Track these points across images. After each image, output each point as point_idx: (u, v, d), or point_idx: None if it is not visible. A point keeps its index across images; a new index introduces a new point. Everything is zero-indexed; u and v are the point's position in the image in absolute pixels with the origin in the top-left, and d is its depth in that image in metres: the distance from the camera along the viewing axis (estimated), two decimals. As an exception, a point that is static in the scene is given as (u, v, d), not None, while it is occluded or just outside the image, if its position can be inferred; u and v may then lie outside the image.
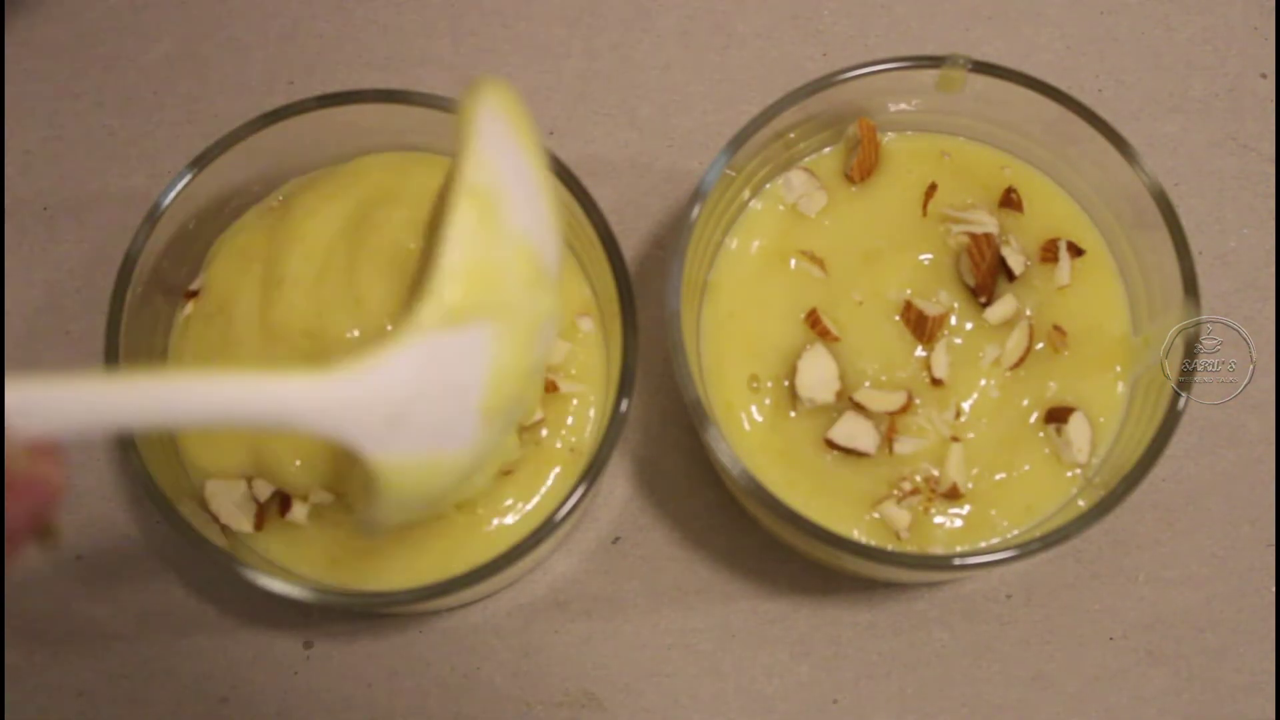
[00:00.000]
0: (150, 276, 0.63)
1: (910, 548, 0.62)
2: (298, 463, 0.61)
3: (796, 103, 0.62)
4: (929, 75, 0.64)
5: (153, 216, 0.62)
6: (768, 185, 0.67)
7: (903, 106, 0.66)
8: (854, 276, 0.65)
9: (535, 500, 0.63)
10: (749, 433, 0.63)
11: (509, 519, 0.63)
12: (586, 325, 0.65)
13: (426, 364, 0.45)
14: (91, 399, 0.38)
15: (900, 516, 0.62)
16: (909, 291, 0.64)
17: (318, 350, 0.63)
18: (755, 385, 0.64)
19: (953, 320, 0.64)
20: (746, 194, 0.66)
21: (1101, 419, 0.63)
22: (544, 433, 0.64)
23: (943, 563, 0.60)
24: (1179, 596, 0.68)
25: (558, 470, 0.64)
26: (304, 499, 0.62)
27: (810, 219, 0.66)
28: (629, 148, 0.74)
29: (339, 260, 0.64)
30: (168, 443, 0.63)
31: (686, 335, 0.61)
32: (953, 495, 0.62)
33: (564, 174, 0.62)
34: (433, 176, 0.66)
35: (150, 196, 0.62)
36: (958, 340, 0.64)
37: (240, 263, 0.65)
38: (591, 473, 0.60)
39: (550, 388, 0.64)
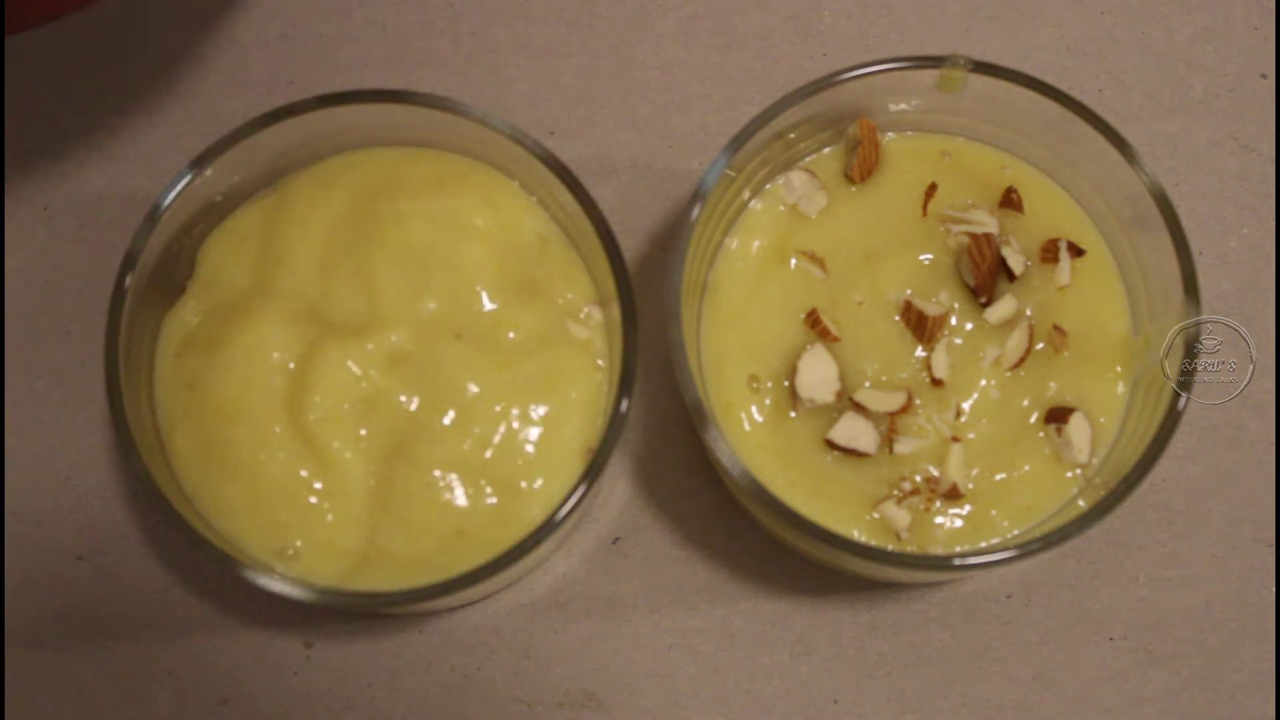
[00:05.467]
0: (150, 276, 0.63)
1: (910, 548, 0.62)
2: None
3: (796, 103, 0.62)
4: (929, 75, 0.64)
5: (153, 216, 0.62)
6: (768, 185, 0.67)
7: (903, 106, 0.66)
8: (854, 276, 0.65)
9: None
10: (749, 433, 0.63)
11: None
12: (597, 315, 0.65)
13: None
14: None
15: (900, 516, 0.62)
16: (909, 291, 0.64)
17: (322, 331, 0.62)
18: (755, 385, 0.64)
19: (953, 320, 0.64)
20: (746, 194, 0.66)
21: (1101, 419, 0.63)
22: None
23: (943, 563, 0.60)
24: (1179, 597, 0.68)
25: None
26: None
27: (810, 219, 0.66)
28: (629, 148, 0.74)
29: (345, 248, 0.64)
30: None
31: (686, 335, 0.61)
32: (953, 495, 0.62)
33: (564, 174, 0.62)
34: (429, 169, 0.66)
35: (150, 196, 0.62)
36: (958, 340, 0.64)
37: (233, 243, 0.65)
38: (591, 473, 0.60)
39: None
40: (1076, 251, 0.65)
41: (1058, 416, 0.62)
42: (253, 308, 0.62)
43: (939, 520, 0.62)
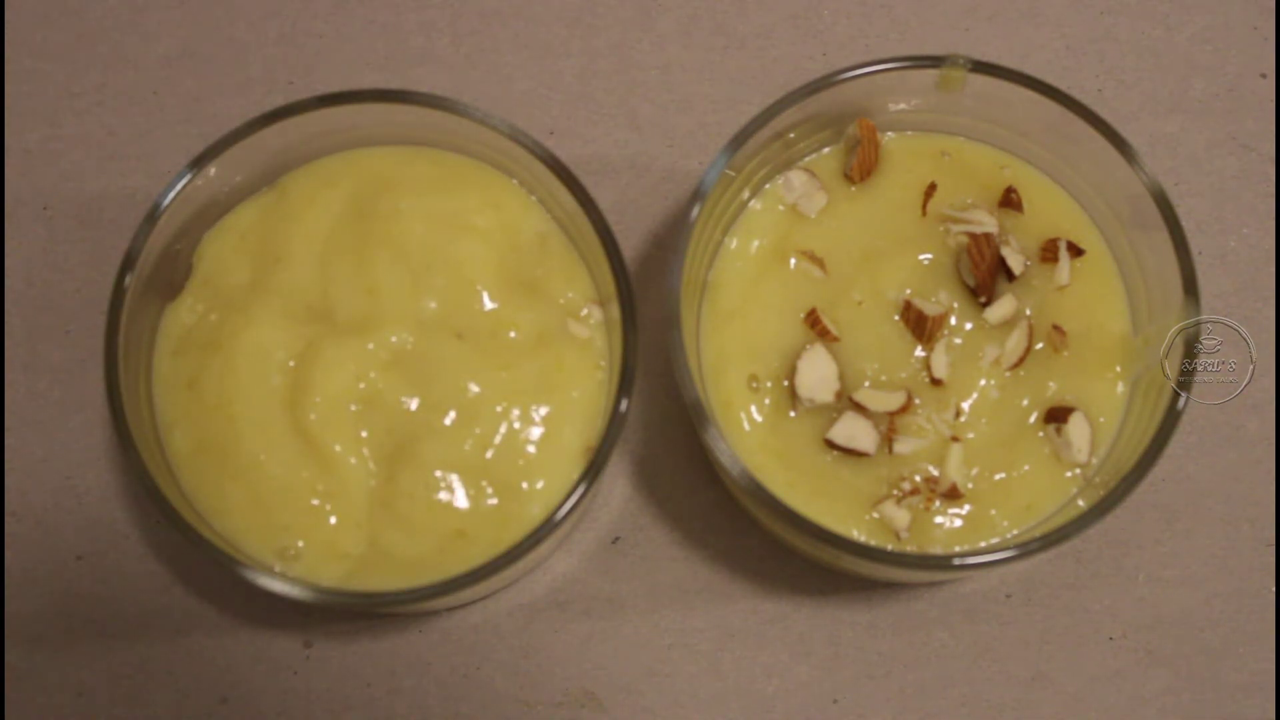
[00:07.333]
0: (150, 276, 0.63)
1: (910, 548, 0.62)
2: None
3: (796, 103, 0.62)
4: (929, 75, 0.64)
5: (152, 216, 0.62)
6: (767, 185, 0.67)
7: (903, 106, 0.66)
8: (854, 276, 0.65)
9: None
10: (749, 433, 0.63)
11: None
12: (597, 314, 0.65)
13: None
14: None
15: (900, 516, 0.62)
16: (909, 291, 0.64)
17: (322, 329, 0.62)
18: (755, 385, 0.64)
19: (952, 320, 0.64)
20: (746, 194, 0.66)
21: (1101, 419, 0.63)
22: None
23: (943, 563, 0.60)
24: (1179, 596, 0.68)
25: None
26: None
27: (810, 219, 0.66)
28: (629, 148, 0.74)
29: (345, 246, 0.64)
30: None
31: (686, 335, 0.61)
32: (953, 495, 0.62)
33: (564, 174, 0.62)
34: (429, 168, 0.66)
35: (150, 196, 0.62)
36: (957, 340, 0.64)
37: (233, 241, 0.65)
38: (591, 472, 0.60)
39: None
40: (1076, 251, 0.65)
41: (1057, 416, 0.62)
42: (252, 306, 0.62)
43: (939, 520, 0.62)
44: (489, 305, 0.64)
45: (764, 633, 0.68)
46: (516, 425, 0.62)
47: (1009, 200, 0.66)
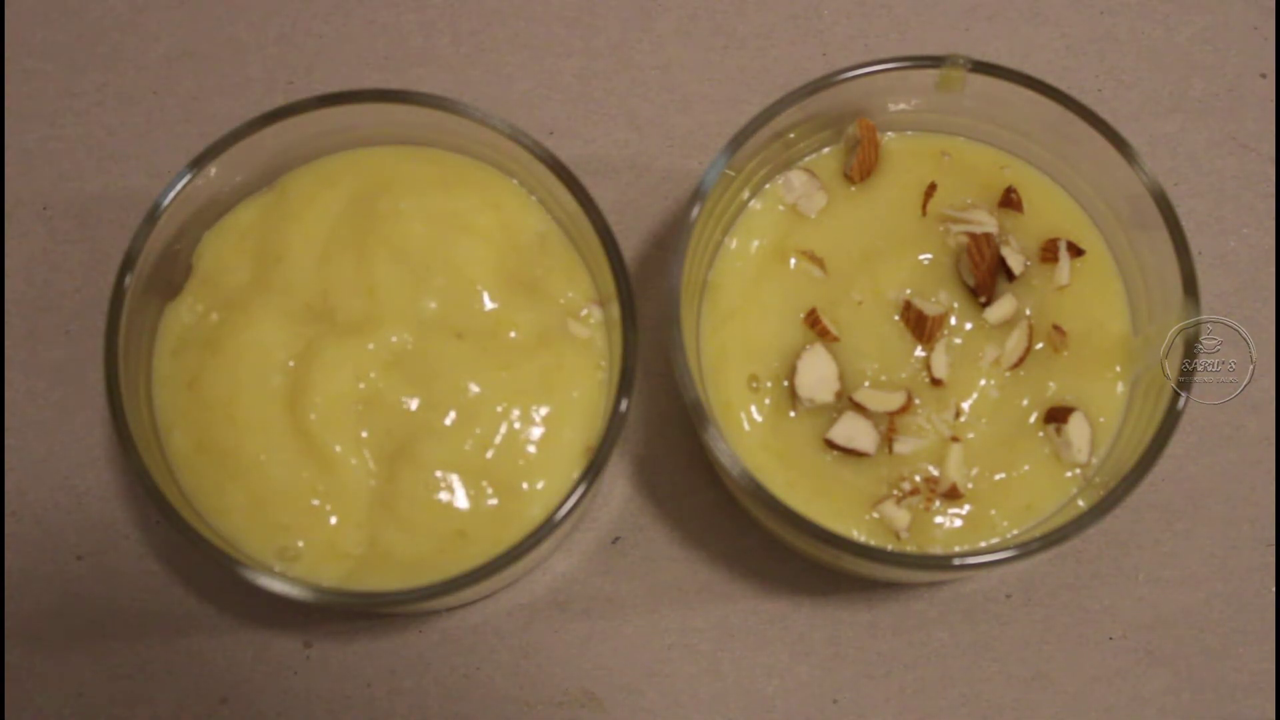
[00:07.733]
0: (149, 276, 0.63)
1: (910, 548, 0.62)
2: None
3: (796, 103, 0.62)
4: (929, 75, 0.64)
5: (152, 216, 0.62)
6: (767, 185, 0.67)
7: (903, 106, 0.66)
8: (854, 276, 0.65)
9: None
10: (749, 433, 0.63)
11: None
12: (597, 314, 0.65)
13: None
14: None
15: (900, 516, 0.62)
16: (909, 291, 0.64)
17: (322, 329, 0.62)
18: (755, 385, 0.64)
19: (952, 320, 0.64)
20: (746, 194, 0.66)
21: (1101, 419, 0.63)
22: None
23: (943, 563, 0.60)
24: (1179, 596, 0.68)
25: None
26: None
27: (810, 219, 0.66)
28: (629, 148, 0.74)
29: (345, 245, 0.64)
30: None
31: (686, 335, 0.61)
32: (953, 495, 0.62)
33: (563, 174, 0.62)
34: (429, 168, 0.66)
35: (150, 196, 0.62)
36: (957, 340, 0.64)
37: (233, 240, 0.65)
38: (591, 472, 0.60)
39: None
40: (1076, 251, 0.65)
41: (1057, 416, 0.62)
42: (252, 305, 0.62)
43: (939, 520, 0.62)
44: (489, 305, 0.64)
45: (764, 633, 0.68)
46: (516, 425, 0.62)
47: (1009, 200, 0.66)
